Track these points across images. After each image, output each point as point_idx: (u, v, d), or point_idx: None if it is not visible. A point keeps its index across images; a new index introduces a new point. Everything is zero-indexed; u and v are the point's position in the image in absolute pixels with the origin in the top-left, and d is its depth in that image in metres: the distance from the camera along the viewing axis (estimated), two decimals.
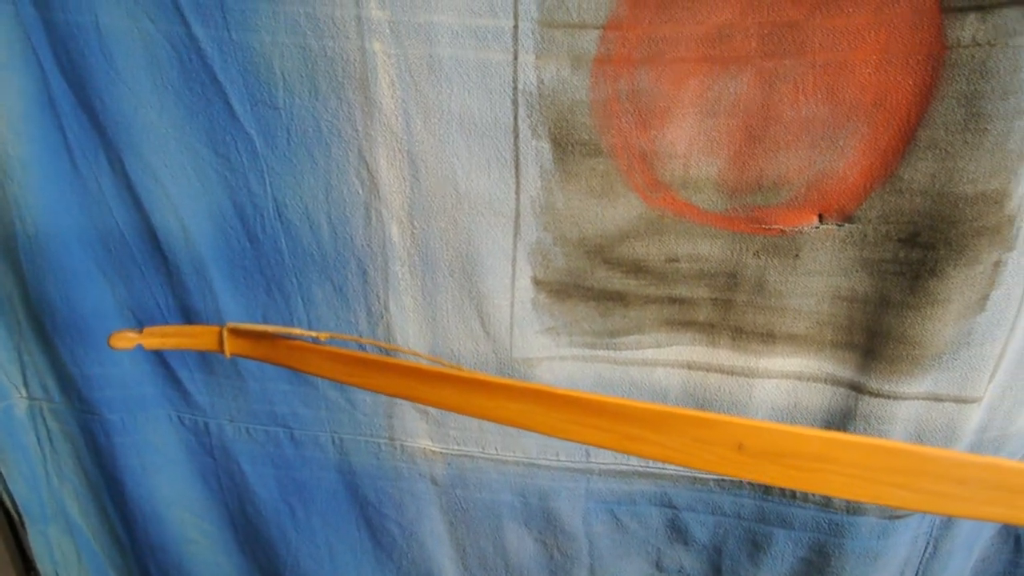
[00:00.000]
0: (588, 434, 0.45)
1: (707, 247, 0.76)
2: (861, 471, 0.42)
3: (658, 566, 0.93)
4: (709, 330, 0.80)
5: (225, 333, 0.52)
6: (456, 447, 0.88)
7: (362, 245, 0.79)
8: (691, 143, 0.72)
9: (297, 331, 0.50)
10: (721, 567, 0.91)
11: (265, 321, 0.83)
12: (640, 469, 0.87)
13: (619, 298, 0.79)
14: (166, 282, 0.84)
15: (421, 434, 0.88)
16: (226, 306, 0.83)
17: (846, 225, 0.73)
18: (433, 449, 0.88)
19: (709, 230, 0.76)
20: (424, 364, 0.48)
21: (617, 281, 0.78)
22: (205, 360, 0.88)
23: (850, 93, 0.69)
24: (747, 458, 0.43)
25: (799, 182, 0.72)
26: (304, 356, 0.50)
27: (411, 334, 0.82)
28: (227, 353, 0.52)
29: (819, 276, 0.75)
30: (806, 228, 0.74)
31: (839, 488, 0.42)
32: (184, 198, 0.80)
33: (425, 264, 0.79)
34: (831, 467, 0.42)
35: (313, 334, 0.50)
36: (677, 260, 0.77)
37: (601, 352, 0.82)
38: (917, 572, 0.89)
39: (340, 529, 0.94)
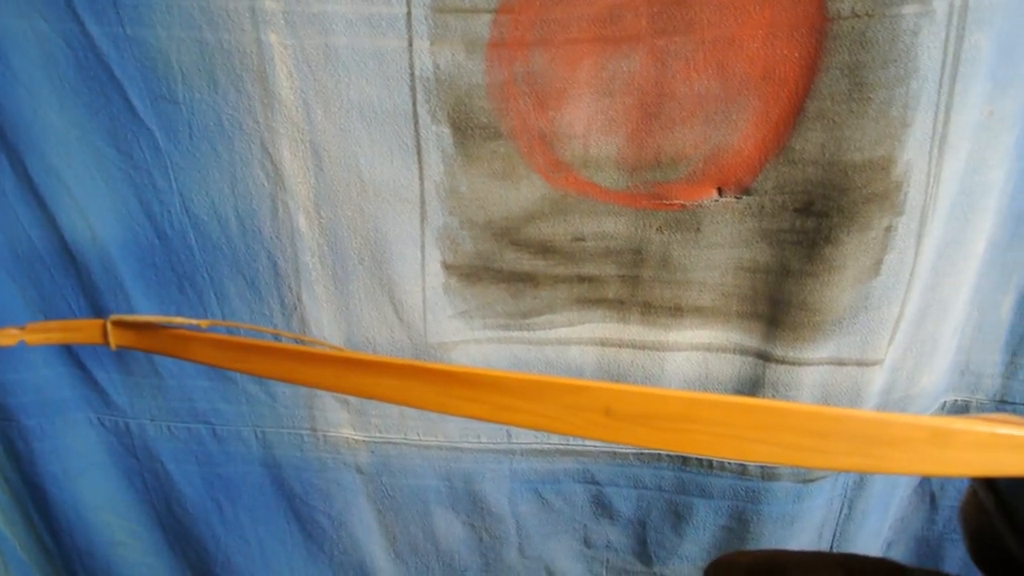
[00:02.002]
0: (464, 406, 0.46)
1: (611, 225, 0.78)
2: (724, 429, 0.43)
3: (586, 542, 0.95)
4: (619, 307, 0.81)
5: (109, 326, 0.52)
6: (378, 434, 0.88)
7: (271, 237, 0.79)
8: (589, 123, 0.73)
9: (178, 319, 0.50)
10: (646, 539, 0.93)
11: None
12: (561, 447, 0.88)
13: (529, 279, 0.80)
14: (76, 283, 0.83)
15: (343, 423, 0.88)
16: (138, 304, 0.83)
17: (744, 197, 0.75)
18: (356, 438, 0.89)
19: (612, 208, 0.77)
20: (307, 347, 0.49)
21: (526, 262, 0.79)
22: (122, 360, 0.87)
23: (740, 68, 0.70)
24: (615, 421, 0.44)
25: (696, 157, 0.74)
26: (187, 345, 0.51)
27: (325, 324, 0.82)
28: (112, 345, 0.52)
29: (721, 248, 0.77)
30: (706, 202, 0.76)
31: (705, 446, 0.44)
32: (89, 197, 0.79)
33: (335, 254, 0.79)
34: (696, 426, 0.43)
35: (194, 322, 0.50)
36: (583, 239, 0.78)
37: (515, 333, 0.83)
38: (834, 533, 0.91)
39: (269, 523, 0.95)
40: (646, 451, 0.87)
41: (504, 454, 0.88)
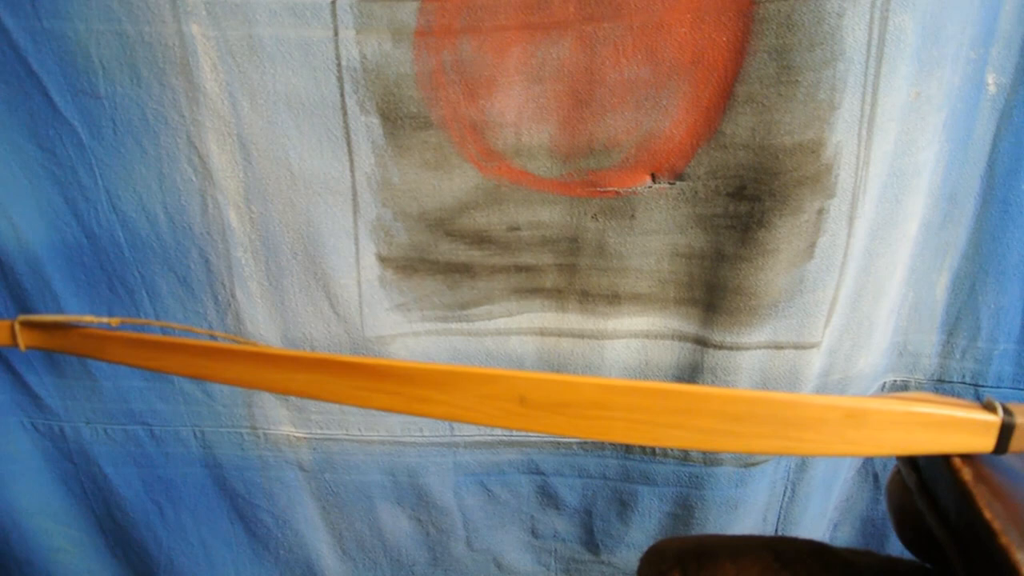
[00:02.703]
0: (378, 399, 0.45)
1: (546, 213, 0.77)
2: (640, 415, 0.43)
3: (533, 533, 0.94)
4: (557, 295, 0.81)
5: (17, 326, 0.50)
6: (319, 431, 0.87)
7: (201, 233, 0.77)
8: (520, 111, 0.73)
9: (88, 318, 0.49)
10: (593, 528, 0.93)
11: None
12: (505, 439, 0.88)
13: (466, 270, 0.79)
14: (2, 285, 0.81)
15: (283, 421, 0.87)
16: (68, 304, 0.81)
17: (677, 183, 0.75)
18: (296, 435, 0.88)
19: (547, 196, 0.76)
20: (220, 344, 0.48)
21: (462, 253, 0.78)
22: (54, 363, 0.85)
23: (669, 53, 0.70)
24: (530, 410, 0.43)
25: (629, 143, 0.73)
26: (98, 344, 0.49)
27: (261, 321, 0.81)
28: (22, 347, 0.51)
29: (656, 235, 0.77)
30: (640, 188, 0.75)
31: (620, 433, 0.43)
32: (12, 196, 0.77)
33: (267, 248, 0.78)
34: (611, 413, 0.43)
35: (105, 320, 0.49)
36: (519, 228, 0.78)
37: (454, 325, 0.82)
38: (779, 516, 0.91)
39: (212, 524, 0.93)
40: (589, 440, 0.87)
41: (447, 447, 0.88)
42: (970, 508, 0.42)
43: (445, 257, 0.78)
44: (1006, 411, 0.43)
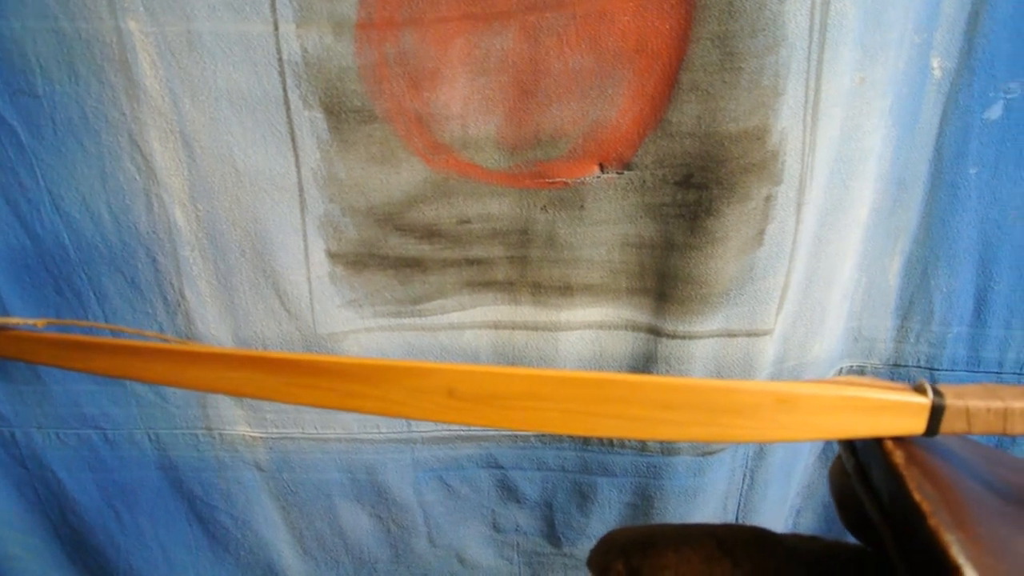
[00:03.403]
0: (309, 395, 0.45)
1: (496, 206, 0.77)
2: (573, 405, 0.42)
3: (495, 527, 0.94)
4: (509, 288, 0.80)
5: None
6: (275, 430, 0.86)
7: (148, 233, 0.76)
8: (466, 103, 0.72)
9: (13, 320, 0.48)
10: (554, 521, 0.93)
11: (58, 319, 0.80)
12: (462, 433, 0.87)
13: (417, 264, 0.79)
14: None
15: (238, 421, 0.86)
16: (14, 308, 0.80)
17: (625, 172, 0.74)
18: (252, 435, 0.87)
19: (496, 188, 0.76)
20: (148, 343, 0.47)
21: (412, 247, 0.78)
22: (1, 367, 0.84)
23: (612, 41, 0.70)
24: (460, 403, 0.43)
25: (575, 133, 0.73)
26: (24, 346, 0.48)
27: (211, 320, 0.80)
28: None
29: (606, 225, 0.76)
30: (588, 178, 0.75)
31: (555, 423, 0.43)
32: None
33: (215, 247, 0.77)
34: (543, 404, 0.43)
35: (30, 321, 0.48)
36: (469, 221, 0.77)
37: (407, 320, 0.82)
38: (739, 504, 0.92)
39: (170, 527, 0.92)
40: (546, 433, 0.87)
41: (405, 443, 0.87)
42: (901, 491, 0.42)
43: (395, 252, 0.78)
44: (936, 393, 0.43)
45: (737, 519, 0.93)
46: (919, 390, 0.43)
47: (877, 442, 0.44)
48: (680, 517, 0.88)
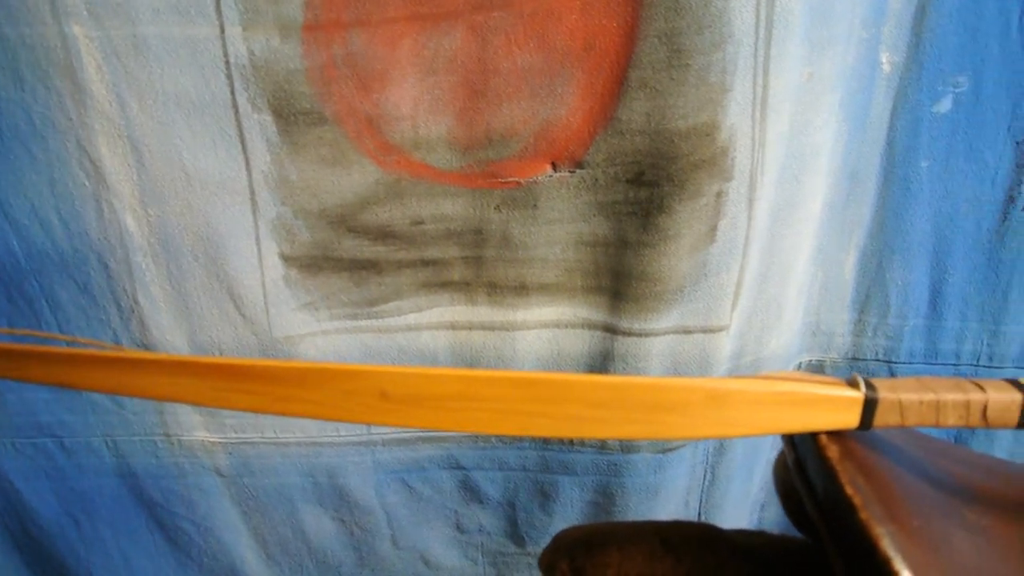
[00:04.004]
0: (241, 400, 0.44)
1: (449, 206, 0.76)
2: (503, 404, 0.42)
3: (458, 528, 0.94)
4: (465, 288, 0.80)
5: None
6: (234, 435, 0.86)
7: (99, 239, 0.76)
8: (416, 103, 0.72)
9: None
10: (517, 520, 0.92)
11: (10, 328, 0.80)
12: (423, 435, 0.87)
13: (371, 266, 0.78)
14: None
15: (196, 426, 0.85)
16: None
17: (578, 171, 0.74)
18: (211, 440, 0.86)
19: (449, 189, 0.76)
20: (80, 349, 0.47)
21: (366, 249, 0.78)
22: None
23: (560, 40, 0.70)
24: (392, 404, 0.43)
25: (527, 132, 0.73)
26: None
27: (166, 326, 0.79)
28: None
29: (560, 224, 0.76)
30: (540, 178, 0.75)
31: (486, 424, 0.43)
32: None
33: (167, 252, 0.76)
34: (474, 404, 0.42)
35: None
36: (422, 222, 0.77)
37: (364, 322, 0.81)
38: (701, 500, 0.92)
39: (131, 535, 0.91)
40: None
41: (365, 446, 0.87)
42: (833, 485, 0.42)
43: (349, 254, 0.78)
44: (869, 386, 0.43)
45: (700, 515, 0.93)
46: (852, 384, 0.43)
47: (812, 436, 0.44)
48: (642, 514, 0.88)
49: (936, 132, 0.79)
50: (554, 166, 0.74)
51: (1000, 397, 0.44)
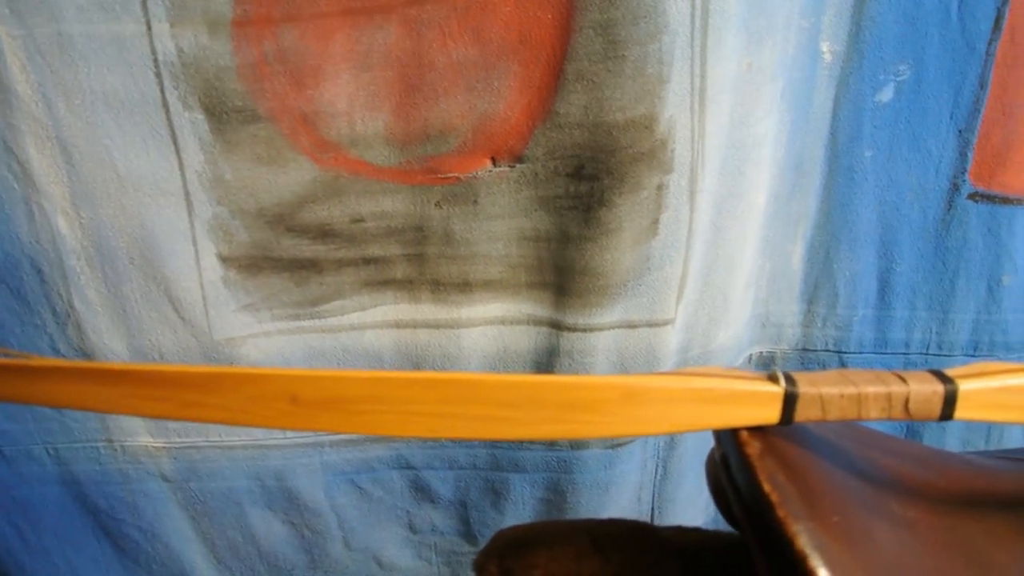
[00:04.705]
0: (149, 406, 0.43)
1: (389, 203, 0.75)
2: (413, 406, 0.41)
3: (411, 528, 0.93)
4: (408, 286, 0.79)
5: None
6: (178, 439, 0.84)
7: (31, 242, 0.74)
8: (351, 99, 0.71)
9: None
10: (469, 519, 0.92)
11: None
12: (370, 435, 0.86)
13: (312, 265, 0.77)
14: None
15: (139, 431, 0.84)
16: None
17: (517, 165, 0.73)
18: (155, 445, 0.85)
19: (388, 186, 0.75)
20: None
21: (306, 248, 0.76)
22: None
23: (496, 33, 0.69)
24: (302, 409, 0.42)
25: (465, 127, 0.72)
26: None
27: (104, 330, 0.78)
28: None
29: (501, 219, 0.75)
30: (480, 173, 0.74)
31: (396, 426, 0.42)
32: None
33: (101, 255, 0.75)
34: (383, 406, 0.42)
35: None
36: (362, 220, 0.76)
37: (307, 323, 0.80)
38: (653, 496, 0.91)
39: (77, 543, 0.90)
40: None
41: (313, 447, 0.86)
42: (752, 481, 0.42)
43: (289, 253, 0.76)
44: (789, 381, 0.43)
45: (653, 510, 0.92)
46: (772, 379, 0.43)
47: (733, 433, 0.44)
48: (593, 510, 0.87)
49: (879, 121, 0.79)
50: (494, 161, 0.74)
51: (922, 389, 0.44)
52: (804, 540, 0.39)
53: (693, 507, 0.95)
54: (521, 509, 0.89)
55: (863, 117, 0.78)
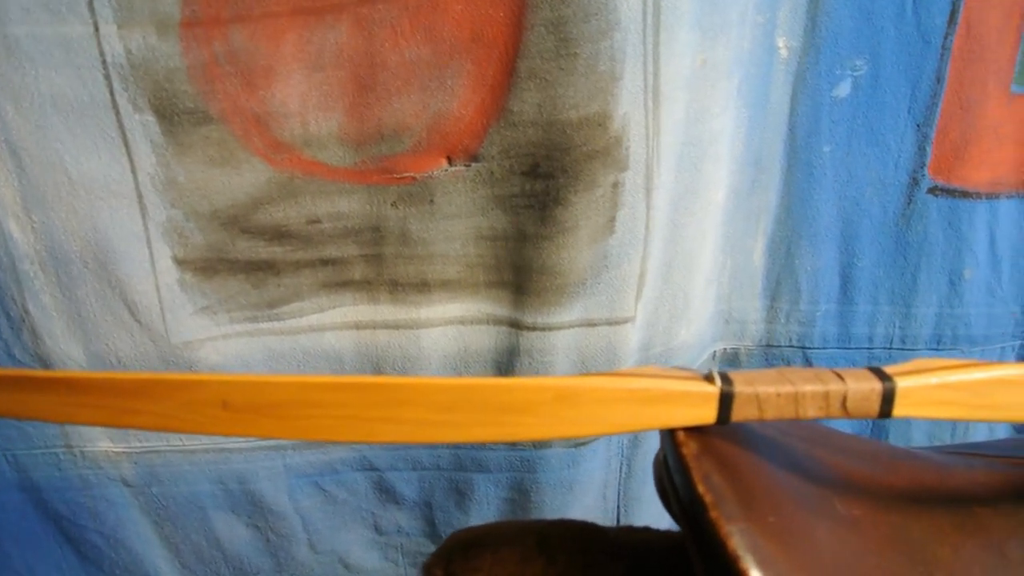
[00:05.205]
0: (84, 414, 0.43)
1: (345, 204, 0.75)
2: (345, 411, 0.41)
3: (376, 529, 0.93)
4: (367, 287, 0.79)
5: None
6: (139, 444, 0.84)
7: None
8: (304, 100, 0.70)
9: None
10: (434, 520, 0.91)
11: None
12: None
13: (269, 267, 0.77)
14: None
15: (99, 437, 0.83)
16: None
17: (473, 164, 0.73)
18: (115, 450, 0.84)
19: (343, 186, 0.74)
20: None
21: (262, 250, 0.76)
22: None
23: (448, 31, 0.68)
24: (235, 414, 0.41)
25: (419, 126, 0.72)
26: None
27: (59, 334, 0.77)
28: None
29: (458, 219, 0.75)
30: (436, 172, 0.74)
31: (329, 431, 0.42)
32: None
33: (55, 259, 0.74)
34: (315, 411, 0.41)
35: None
36: (318, 221, 0.75)
37: (265, 325, 0.80)
38: (618, 494, 0.91)
39: (39, 550, 0.89)
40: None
41: (275, 450, 0.85)
42: (687, 482, 0.41)
43: (245, 255, 0.76)
44: (725, 380, 0.43)
45: (619, 508, 0.92)
46: (708, 379, 0.43)
47: (671, 433, 0.44)
48: (558, 509, 0.87)
49: (837, 116, 0.79)
50: (449, 160, 0.73)
51: (859, 387, 0.43)
52: (737, 541, 0.38)
53: (659, 505, 0.95)
54: (486, 509, 0.89)
55: (821, 112, 0.78)
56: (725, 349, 0.91)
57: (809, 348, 0.90)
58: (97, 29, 0.66)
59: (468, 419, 0.41)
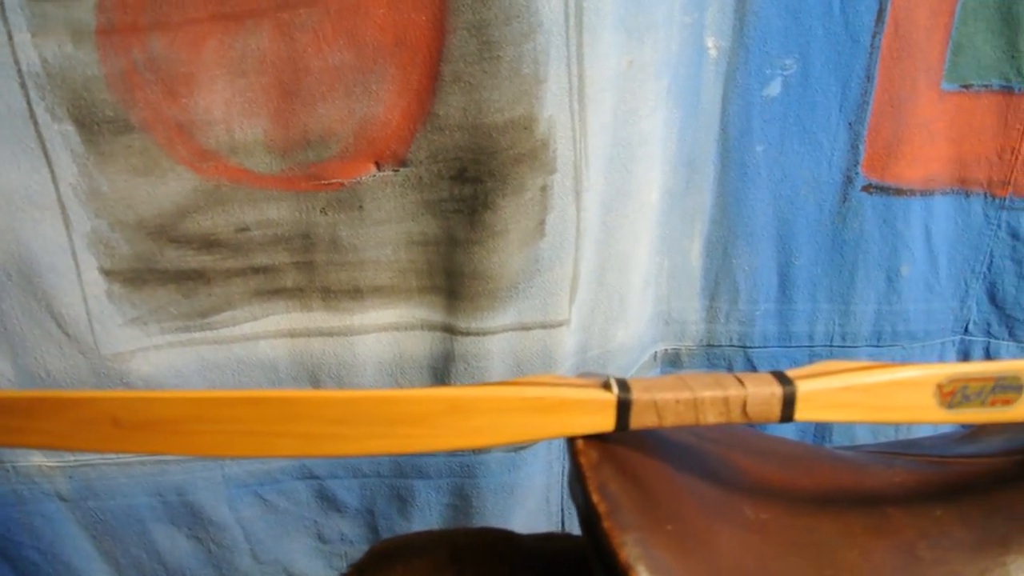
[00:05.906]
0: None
1: (274, 211, 0.74)
2: (237, 425, 0.40)
3: (320, 538, 0.92)
4: (299, 295, 0.78)
5: None
6: (72, 458, 0.82)
7: None
8: (228, 107, 0.70)
9: None
10: (378, 527, 0.91)
11: None
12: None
13: (199, 276, 0.76)
14: None
15: (30, 452, 0.82)
16: None
17: (401, 170, 0.73)
18: (49, 465, 0.83)
19: (271, 193, 0.73)
20: None
21: (191, 259, 0.75)
22: None
23: (371, 35, 0.68)
24: (125, 431, 0.41)
25: (345, 132, 0.71)
26: None
27: None
28: None
29: (388, 224, 0.75)
30: (364, 178, 0.73)
31: (220, 446, 0.41)
32: None
33: None
34: (207, 426, 0.40)
35: None
36: (247, 229, 0.74)
37: (198, 334, 0.79)
38: (562, 497, 0.91)
39: None
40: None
41: (213, 460, 0.84)
42: (584, 492, 0.41)
43: (174, 265, 0.75)
44: (623, 387, 0.42)
45: (563, 512, 0.92)
46: (605, 386, 0.42)
47: (571, 442, 0.43)
48: (500, 514, 0.86)
49: (768, 116, 0.79)
50: (378, 165, 0.73)
51: (759, 392, 0.43)
52: (629, 551, 0.38)
53: None
54: (428, 515, 0.88)
55: (752, 112, 0.78)
56: (666, 350, 0.91)
57: (750, 347, 0.90)
58: (11, 37, 0.65)
59: (360, 432, 0.41)
